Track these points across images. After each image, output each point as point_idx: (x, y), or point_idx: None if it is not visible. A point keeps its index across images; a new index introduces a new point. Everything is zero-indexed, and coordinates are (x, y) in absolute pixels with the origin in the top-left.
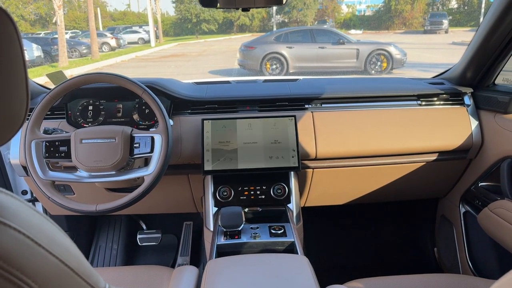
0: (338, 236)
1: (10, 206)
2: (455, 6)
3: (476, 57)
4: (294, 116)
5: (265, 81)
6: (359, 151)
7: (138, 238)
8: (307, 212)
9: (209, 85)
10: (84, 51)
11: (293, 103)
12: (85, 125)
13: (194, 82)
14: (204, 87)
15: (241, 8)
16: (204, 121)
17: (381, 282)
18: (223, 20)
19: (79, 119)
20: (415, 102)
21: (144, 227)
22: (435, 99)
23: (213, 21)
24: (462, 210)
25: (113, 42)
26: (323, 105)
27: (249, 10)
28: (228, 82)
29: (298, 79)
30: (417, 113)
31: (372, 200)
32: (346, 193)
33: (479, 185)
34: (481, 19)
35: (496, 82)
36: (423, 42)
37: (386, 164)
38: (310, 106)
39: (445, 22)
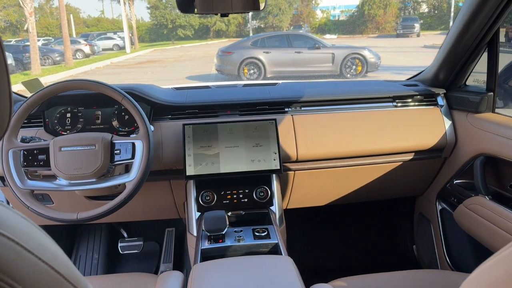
0: (320, 236)
1: None
2: (426, 10)
3: (448, 59)
4: (275, 119)
5: (245, 85)
6: (338, 152)
7: (119, 246)
8: (289, 214)
9: (189, 90)
10: (58, 58)
11: (273, 106)
12: (63, 132)
13: (174, 88)
14: (184, 92)
15: (219, 14)
16: (185, 126)
17: (363, 280)
18: (199, 25)
19: (57, 127)
20: (390, 104)
21: (125, 235)
22: (410, 100)
23: (189, 27)
24: (439, 207)
25: (87, 49)
26: (302, 108)
27: (227, 16)
28: (208, 87)
29: (277, 83)
30: (393, 114)
31: (352, 200)
32: (327, 194)
33: (454, 182)
34: (451, 23)
35: (467, 83)
36: (396, 46)
37: (364, 165)
38: (290, 109)
39: (417, 26)
